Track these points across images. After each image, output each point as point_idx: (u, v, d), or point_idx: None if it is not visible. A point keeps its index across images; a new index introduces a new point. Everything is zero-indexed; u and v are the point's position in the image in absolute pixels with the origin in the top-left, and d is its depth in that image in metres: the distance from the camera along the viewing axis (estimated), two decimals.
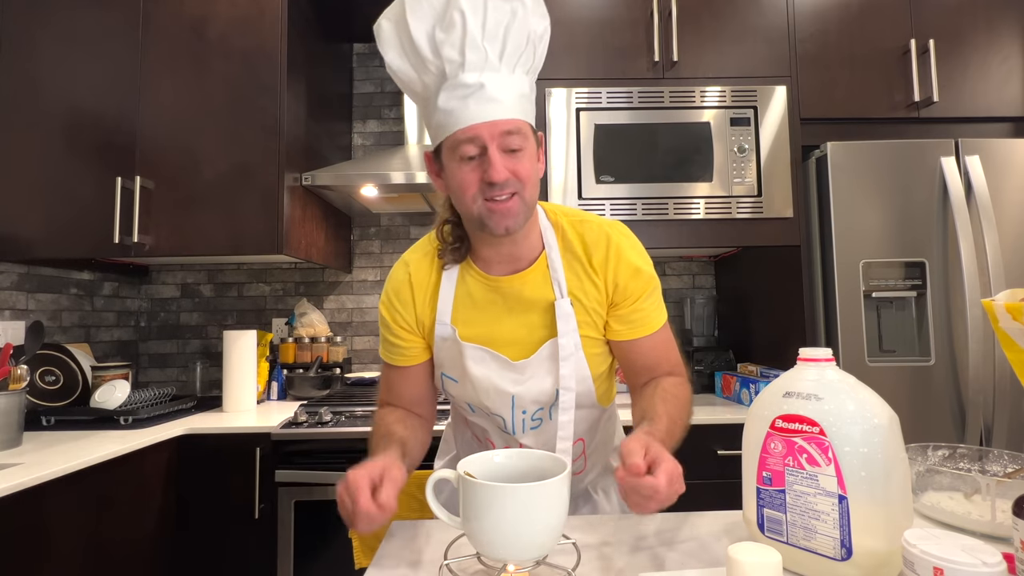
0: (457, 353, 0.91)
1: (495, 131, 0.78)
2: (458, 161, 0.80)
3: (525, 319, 0.90)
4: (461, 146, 0.79)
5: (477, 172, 0.80)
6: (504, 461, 0.75)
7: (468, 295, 0.91)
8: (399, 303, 0.93)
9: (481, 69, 0.78)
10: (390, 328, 0.94)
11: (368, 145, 2.54)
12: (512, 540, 0.64)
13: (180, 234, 1.86)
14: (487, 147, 0.78)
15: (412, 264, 0.94)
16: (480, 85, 0.77)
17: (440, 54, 0.78)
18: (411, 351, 0.95)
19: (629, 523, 0.87)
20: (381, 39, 0.82)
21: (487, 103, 0.77)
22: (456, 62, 0.78)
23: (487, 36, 0.78)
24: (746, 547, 0.59)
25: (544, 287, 0.89)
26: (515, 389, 0.89)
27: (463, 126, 0.78)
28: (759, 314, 2.12)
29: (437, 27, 0.78)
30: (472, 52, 0.77)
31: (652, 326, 0.92)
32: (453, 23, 0.76)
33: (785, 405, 0.68)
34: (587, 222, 0.92)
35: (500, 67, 0.79)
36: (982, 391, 1.65)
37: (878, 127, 1.97)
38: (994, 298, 0.71)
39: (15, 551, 1.16)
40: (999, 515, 0.73)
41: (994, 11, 1.98)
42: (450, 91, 0.79)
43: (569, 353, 0.88)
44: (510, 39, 0.79)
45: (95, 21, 1.88)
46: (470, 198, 0.81)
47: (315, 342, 2.27)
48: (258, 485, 1.64)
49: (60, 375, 1.85)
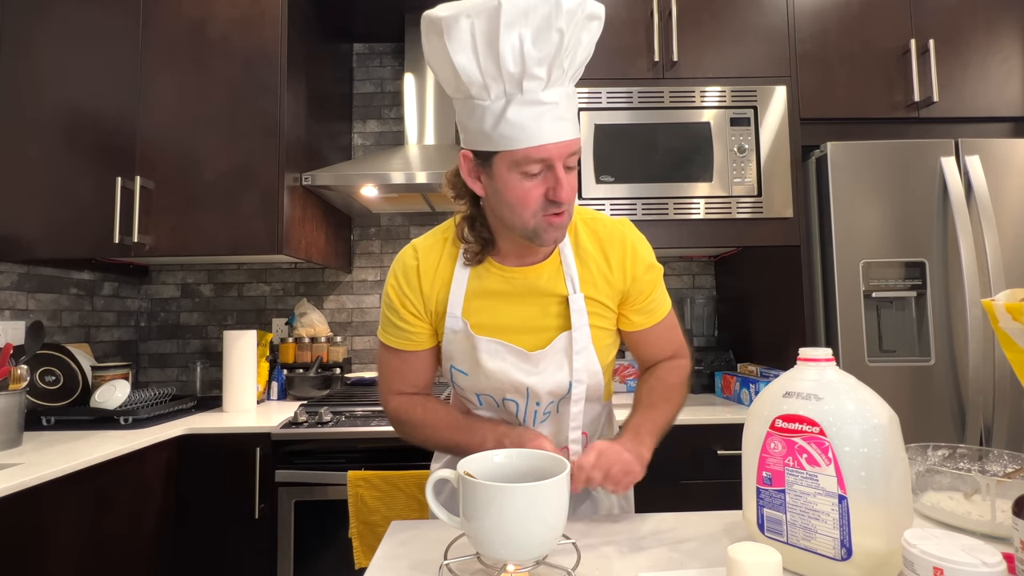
0: (470, 347, 0.91)
1: (564, 152, 0.78)
2: (520, 175, 0.80)
3: (539, 309, 0.92)
4: (528, 163, 0.78)
5: (541, 188, 0.80)
6: (504, 461, 0.75)
7: (481, 286, 0.92)
8: (408, 287, 0.93)
9: (558, 85, 0.78)
10: (398, 312, 0.94)
11: (368, 145, 2.54)
12: (512, 540, 0.64)
13: (180, 234, 1.86)
14: (554, 166, 0.79)
15: (421, 251, 0.94)
16: (555, 104, 0.77)
17: (525, 68, 0.75)
18: (419, 336, 0.95)
19: (629, 523, 0.87)
20: (453, 36, 0.75)
21: (560, 123, 0.77)
22: (540, 79, 0.76)
23: (568, 53, 0.76)
24: (746, 547, 0.59)
25: (557, 281, 0.91)
26: (530, 380, 0.90)
27: (536, 144, 0.77)
28: (759, 314, 2.12)
29: (529, 41, 0.74)
30: (557, 70, 0.76)
31: (663, 313, 0.99)
32: (549, 41, 0.74)
33: (785, 405, 0.68)
34: (599, 220, 0.96)
35: (567, 82, 0.79)
36: (982, 391, 1.65)
37: (878, 127, 1.97)
38: (994, 298, 0.71)
39: (15, 551, 1.16)
40: (999, 515, 0.73)
41: (994, 11, 1.98)
42: (523, 106, 0.76)
43: (582, 347, 0.91)
44: (580, 54, 0.79)
45: (95, 21, 1.88)
46: (530, 213, 0.81)
47: (315, 342, 2.27)
48: (258, 485, 1.64)
49: (60, 375, 1.85)
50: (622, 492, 0.81)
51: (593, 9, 0.77)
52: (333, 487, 1.63)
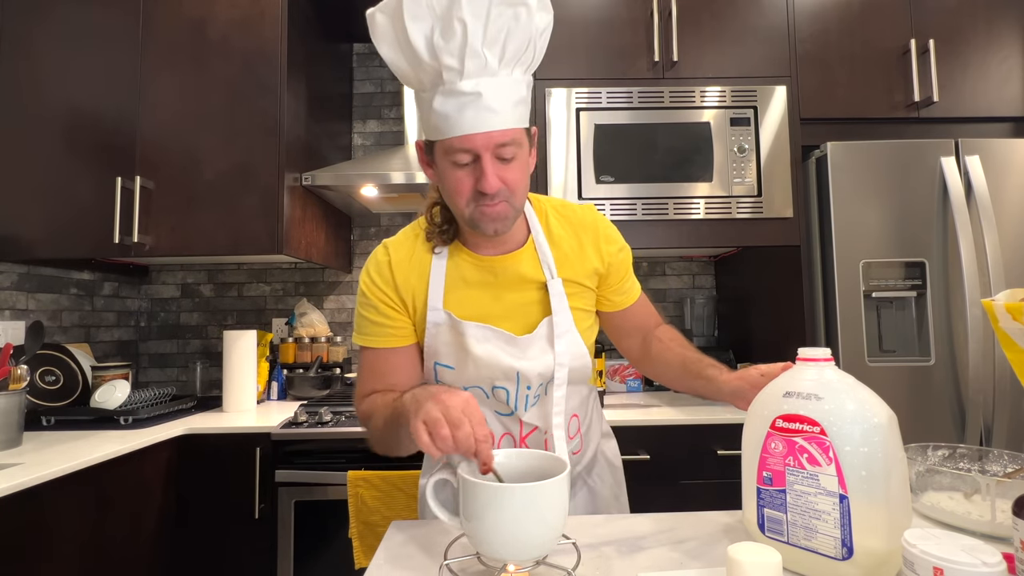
0: (456, 336, 0.90)
1: (490, 142, 0.78)
2: (452, 165, 0.81)
3: (521, 296, 0.93)
4: (455, 153, 0.79)
5: (470, 178, 0.81)
6: (504, 461, 0.75)
7: (461, 277, 0.92)
8: (381, 281, 0.92)
9: (479, 75, 0.76)
10: (375, 307, 0.92)
11: (368, 145, 2.54)
12: (512, 540, 0.64)
13: (180, 234, 1.86)
14: (481, 156, 0.79)
15: (392, 246, 0.95)
16: (477, 94, 0.76)
17: (438, 59, 0.75)
18: (398, 330, 0.93)
19: (629, 523, 0.87)
20: (375, 31, 0.79)
21: (484, 112, 0.76)
22: (455, 70, 0.76)
23: (487, 42, 0.75)
24: (746, 547, 0.59)
25: (535, 267, 0.93)
26: (520, 364, 0.90)
27: (458, 134, 0.77)
28: (759, 314, 2.12)
29: (436, 32, 0.74)
30: (471, 60, 0.75)
31: (636, 292, 1.04)
32: (453, 32, 0.74)
33: (785, 405, 0.68)
34: (568, 206, 0.99)
35: (499, 71, 0.77)
36: (982, 391, 1.65)
37: (878, 127, 1.97)
38: (994, 298, 0.71)
39: (15, 551, 1.16)
40: (999, 515, 0.73)
41: (994, 11, 1.98)
42: (446, 96, 0.77)
43: (564, 331, 0.92)
44: (511, 42, 0.77)
45: (95, 21, 1.88)
46: (463, 202, 0.82)
47: (315, 342, 2.27)
48: (258, 485, 1.64)
49: (60, 375, 1.85)
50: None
51: None
52: (333, 487, 1.63)
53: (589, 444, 1.04)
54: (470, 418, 0.69)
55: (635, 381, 2.19)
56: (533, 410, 0.94)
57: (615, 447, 1.13)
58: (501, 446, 0.95)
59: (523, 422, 0.94)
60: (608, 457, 1.10)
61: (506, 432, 0.95)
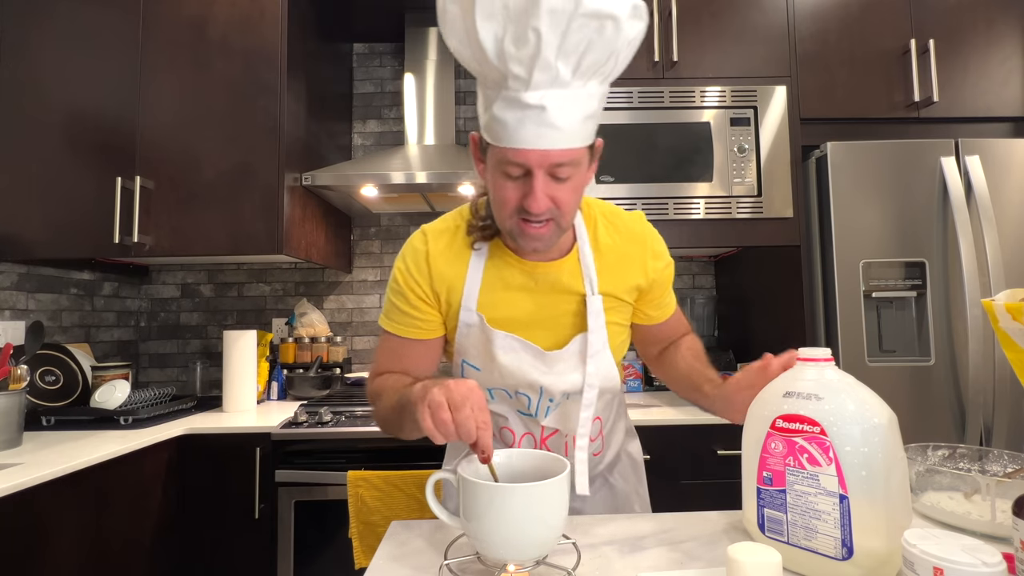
0: (485, 341, 0.89)
1: (545, 160, 0.73)
2: (501, 175, 0.76)
3: (557, 306, 0.90)
4: (507, 164, 0.74)
5: (518, 192, 0.76)
6: (504, 461, 0.75)
7: (500, 277, 0.89)
8: (416, 272, 0.89)
9: (548, 87, 0.70)
10: (406, 297, 0.90)
11: (368, 145, 2.54)
12: (512, 540, 0.64)
13: (180, 234, 1.86)
14: (532, 173, 0.74)
15: (431, 235, 0.91)
16: (541, 108, 0.70)
17: (505, 65, 0.69)
18: (427, 324, 0.91)
19: (629, 523, 0.87)
20: (444, 20, 0.72)
21: (544, 128, 0.71)
22: (521, 79, 0.69)
23: (562, 54, 0.68)
24: (746, 547, 0.59)
25: (576, 278, 0.90)
26: (545, 380, 0.89)
27: (513, 147, 0.72)
28: (759, 314, 2.12)
29: (508, 35, 0.68)
30: (541, 72, 0.69)
31: (674, 305, 1.03)
32: (526, 40, 0.67)
33: (785, 405, 0.68)
34: (619, 215, 0.95)
35: (571, 83, 0.71)
36: (982, 391, 1.65)
37: (878, 127, 1.97)
38: (994, 298, 0.71)
39: (15, 551, 1.16)
40: (999, 515, 0.73)
41: (994, 11, 1.98)
42: (508, 103, 0.71)
43: (597, 350, 0.89)
44: (591, 55, 0.70)
45: (95, 21, 1.88)
46: (506, 214, 0.79)
47: (315, 342, 2.27)
48: (258, 485, 1.64)
49: (60, 375, 1.85)
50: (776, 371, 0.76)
51: (599, 6, 0.66)
52: (333, 487, 1.63)
53: (611, 445, 1.03)
54: (472, 403, 0.67)
55: (635, 381, 2.19)
56: (553, 416, 0.94)
57: (638, 446, 1.13)
58: (522, 445, 0.96)
59: (544, 426, 0.94)
60: (632, 455, 1.10)
61: (527, 432, 0.96)
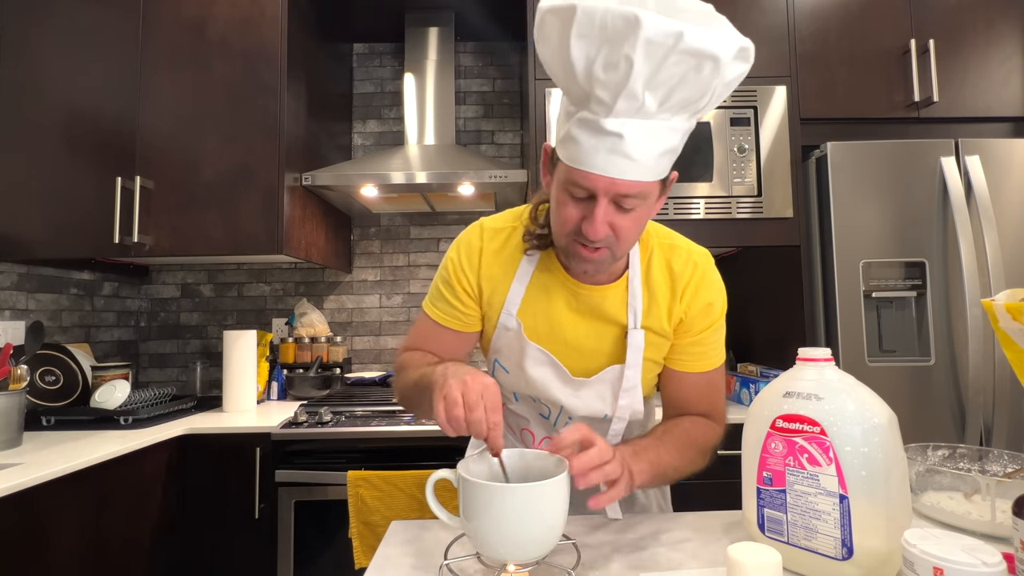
0: (518, 348, 0.89)
1: (612, 189, 0.70)
2: (566, 193, 0.74)
3: (596, 331, 0.88)
4: (574, 185, 0.72)
5: (579, 213, 0.74)
6: (504, 461, 0.74)
7: (544, 288, 0.88)
8: (467, 266, 0.89)
9: (630, 116, 0.67)
10: (452, 287, 0.90)
11: (368, 145, 2.54)
12: (512, 540, 0.64)
13: (180, 234, 1.86)
14: (597, 199, 0.71)
15: (487, 233, 0.90)
16: (619, 136, 0.67)
17: (591, 87, 0.66)
18: (467, 317, 0.92)
19: (629, 523, 0.87)
20: (540, 29, 0.69)
21: (618, 158, 0.68)
22: (604, 104, 0.66)
23: (652, 85, 0.64)
24: (746, 547, 0.59)
25: (620, 308, 0.87)
26: (568, 401, 0.89)
27: (583, 169, 0.70)
28: (759, 314, 2.12)
29: (599, 58, 0.64)
30: (626, 101, 0.65)
31: (705, 365, 0.91)
32: (616, 66, 0.63)
33: (785, 405, 0.68)
34: (677, 248, 0.90)
35: (655, 115, 0.67)
36: (982, 391, 1.65)
37: (878, 127, 1.97)
38: (994, 298, 0.71)
39: (15, 551, 1.16)
40: (999, 515, 0.73)
41: (994, 11, 1.98)
42: (585, 126, 0.69)
43: (632, 385, 0.87)
44: (682, 91, 0.66)
45: (95, 21, 1.88)
46: (563, 232, 0.77)
47: (315, 342, 2.27)
48: (258, 485, 1.64)
49: (60, 375, 1.85)
50: (604, 503, 0.71)
51: (701, 45, 0.62)
52: (333, 487, 1.63)
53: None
54: (486, 403, 0.67)
55: None
56: (569, 427, 0.93)
57: None
58: (541, 447, 0.96)
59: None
60: None
61: (547, 436, 0.96)
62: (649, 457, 0.78)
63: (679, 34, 0.61)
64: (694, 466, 0.86)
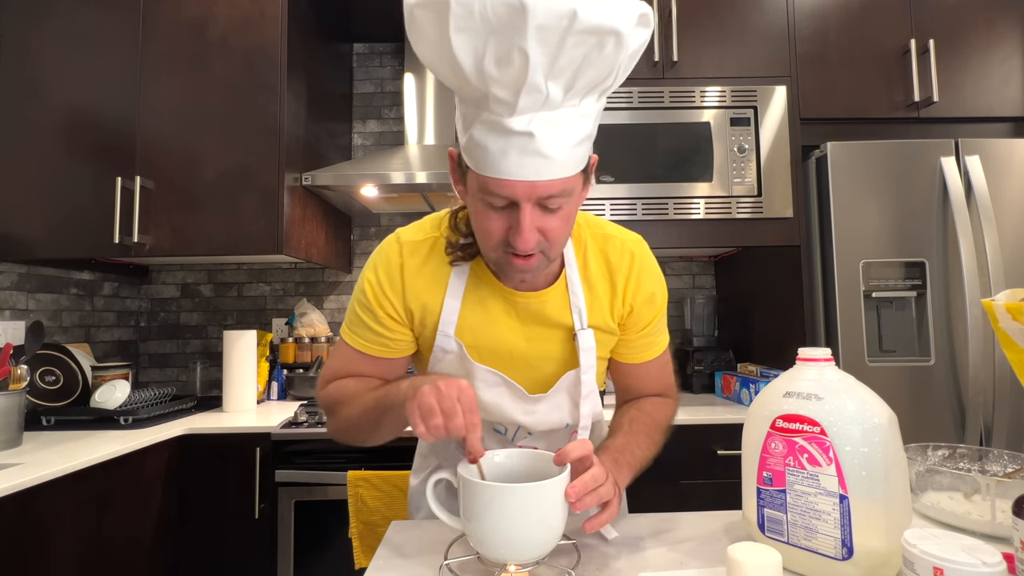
0: (463, 372, 0.83)
1: (533, 194, 0.65)
2: (484, 203, 0.68)
3: (541, 338, 0.83)
4: (490, 194, 0.66)
5: (503, 223, 0.68)
6: (504, 461, 0.75)
7: (480, 302, 0.81)
8: (389, 287, 0.80)
9: (536, 110, 0.61)
10: (374, 314, 0.81)
11: (368, 145, 2.54)
12: (512, 540, 0.64)
13: (180, 234, 1.86)
14: (519, 206, 0.66)
15: (407, 247, 0.81)
16: (529, 135, 0.61)
17: (486, 86, 0.61)
18: (397, 344, 0.83)
19: (629, 523, 0.87)
20: (412, 27, 0.62)
21: (533, 158, 0.62)
22: (505, 103, 0.61)
23: (553, 74, 0.59)
24: (746, 547, 0.59)
25: (563, 310, 0.82)
26: (525, 419, 0.85)
27: (497, 177, 0.64)
28: (759, 314, 2.12)
29: (488, 53, 0.58)
30: (529, 95, 0.60)
31: (654, 352, 0.90)
32: (510, 61, 0.58)
33: (785, 405, 0.68)
34: (611, 238, 0.85)
35: (562, 104, 0.62)
36: (982, 391, 1.65)
37: (878, 127, 1.97)
38: (994, 298, 0.71)
39: (15, 551, 1.16)
40: (999, 515, 0.73)
41: (994, 11, 1.98)
42: (490, 129, 0.63)
43: (591, 390, 0.84)
44: (587, 73, 0.61)
45: (95, 21, 1.87)
46: (490, 245, 0.71)
47: (315, 342, 2.27)
48: (258, 485, 1.64)
49: (60, 375, 1.85)
50: (597, 526, 0.70)
51: (599, 21, 0.56)
52: (333, 487, 1.63)
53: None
54: (463, 406, 0.64)
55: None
56: (527, 440, 0.91)
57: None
58: None
59: (521, 445, 0.91)
60: None
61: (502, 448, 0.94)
62: (627, 460, 0.79)
63: (572, 13, 0.55)
64: (659, 447, 0.87)
